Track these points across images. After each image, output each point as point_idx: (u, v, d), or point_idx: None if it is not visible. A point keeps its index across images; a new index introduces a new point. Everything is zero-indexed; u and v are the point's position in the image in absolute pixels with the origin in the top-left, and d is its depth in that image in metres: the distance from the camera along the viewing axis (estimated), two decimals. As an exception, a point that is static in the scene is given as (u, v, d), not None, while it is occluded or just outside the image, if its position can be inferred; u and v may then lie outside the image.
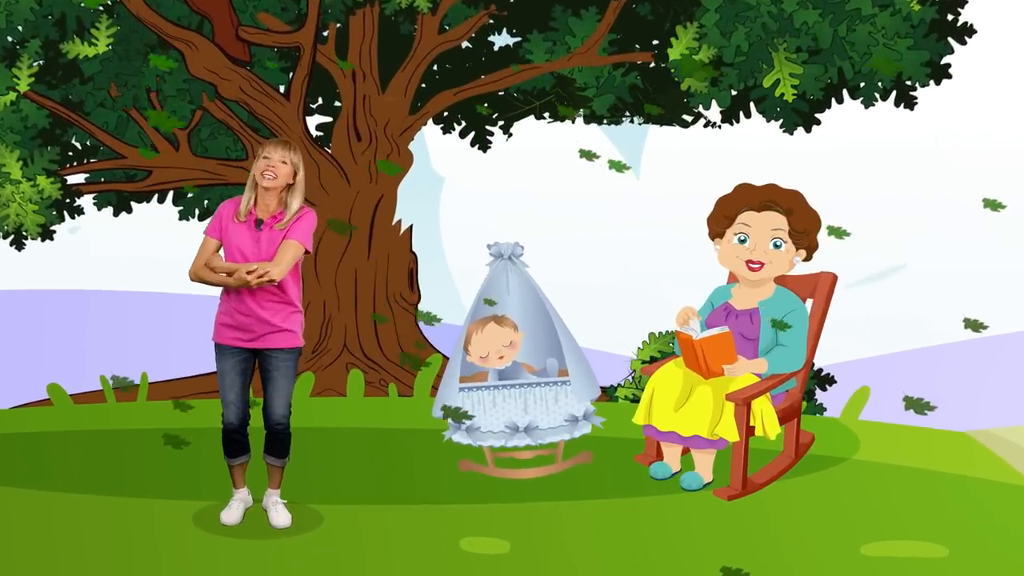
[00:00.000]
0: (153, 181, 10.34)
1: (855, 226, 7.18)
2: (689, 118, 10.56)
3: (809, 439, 7.45)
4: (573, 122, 10.63)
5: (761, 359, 6.85)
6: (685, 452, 7.12)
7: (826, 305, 7.12)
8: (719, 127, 10.23)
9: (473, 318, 7.11)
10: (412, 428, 7.92)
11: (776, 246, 6.95)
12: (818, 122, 9.44)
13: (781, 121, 9.39)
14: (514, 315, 7.15)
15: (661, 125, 10.65)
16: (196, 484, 6.75)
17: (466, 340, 7.08)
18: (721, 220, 7.08)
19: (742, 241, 7.00)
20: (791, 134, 9.40)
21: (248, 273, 5.86)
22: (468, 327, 7.09)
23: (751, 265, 6.98)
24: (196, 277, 6.04)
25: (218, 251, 6.06)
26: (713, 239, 7.14)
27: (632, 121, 10.60)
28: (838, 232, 7.02)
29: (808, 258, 7.03)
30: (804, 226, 6.94)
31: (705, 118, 10.47)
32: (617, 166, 7.43)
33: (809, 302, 7.12)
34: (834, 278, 7.14)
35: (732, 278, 7.25)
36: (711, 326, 6.97)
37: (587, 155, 7.33)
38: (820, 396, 9.44)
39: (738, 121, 9.88)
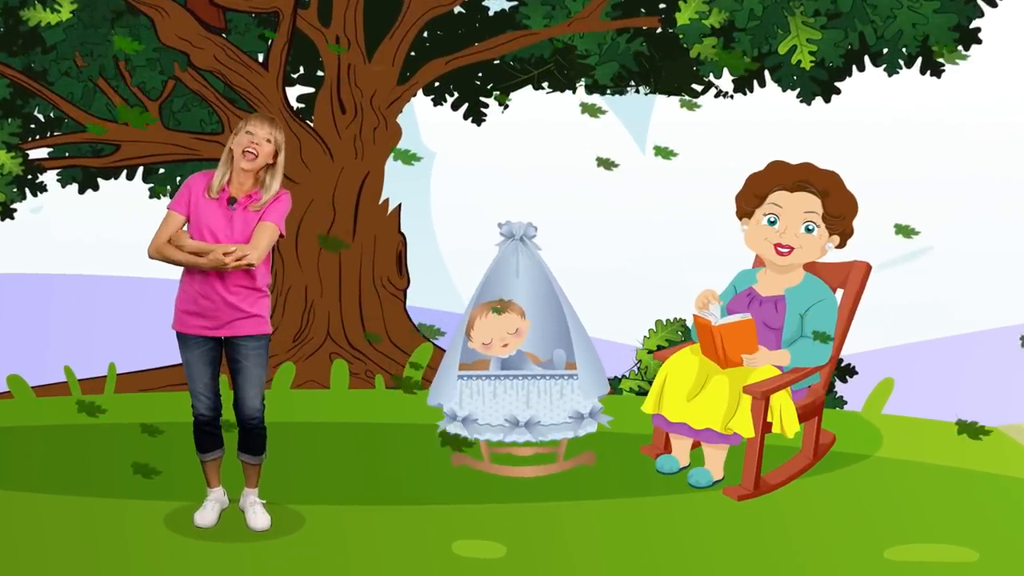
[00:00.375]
0: (121, 156, 10.31)
1: (878, 204, 7.15)
2: (699, 88, 10.54)
3: (830, 440, 7.42)
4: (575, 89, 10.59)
5: (784, 350, 6.82)
6: (695, 446, 7.11)
7: (858, 297, 7.09)
8: (731, 97, 10.20)
9: (478, 301, 7.08)
10: (400, 423, 7.91)
11: (808, 230, 6.91)
12: (838, 91, 9.40)
13: (798, 91, 9.35)
14: (522, 301, 7.12)
15: (669, 95, 10.62)
16: (169, 483, 6.74)
17: (468, 324, 7.05)
18: (751, 199, 7.04)
19: (772, 223, 6.96)
20: (809, 104, 9.37)
21: (226, 255, 5.82)
22: (472, 311, 7.06)
23: (780, 249, 6.94)
24: (158, 254, 5.96)
25: (182, 228, 6.01)
26: (740, 218, 7.10)
27: (638, 91, 10.56)
28: (906, 231, 7.00)
29: (841, 245, 6.98)
30: (840, 210, 6.90)
31: (716, 87, 10.44)
32: (664, 152, 7.39)
33: (839, 292, 7.08)
34: (868, 268, 7.10)
35: (758, 262, 7.22)
36: (732, 312, 6.94)
37: (605, 163, 7.30)
38: (840, 388, 9.43)
39: (752, 91, 9.84)
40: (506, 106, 10.90)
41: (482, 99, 10.95)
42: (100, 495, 6.58)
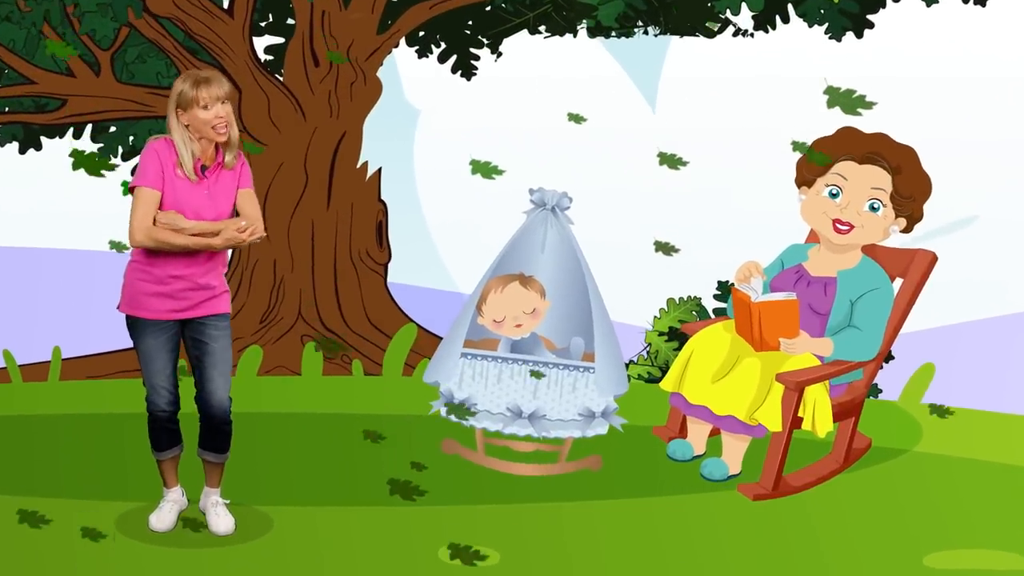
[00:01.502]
0: (68, 112, 10.31)
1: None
2: (715, 26, 10.51)
3: (865, 444, 7.37)
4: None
5: (827, 339, 6.80)
6: (714, 434, 7.11)
7: (918, 289, 7.05)
8: (751, 36, 10.16)
9: (495, 273, 7.06)
10: (381, 413, 7.91)
11: (873, 208, 6.88)
12: (871, 25, 9.33)
13: (826, 26, 9.29)
14: (545, 279, 7.10)
15: (682, 36, 10.56)
16: (122, 482, 6.72)
17: (481, 297, 7.03)
18: (814, 166, 7.01)
19: (834, 195, 6.93)
20: (839, 40, 9.30)
21: (240, 231, 5.87)
22: (487, 283, 7.04)
23: (839, 226, 6.91)
24: (151, 240, 5.87)
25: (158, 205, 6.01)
26: (799, 186, 7.08)
27: (647, 32, 10.52)
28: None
29: (908, 229, 6.96)
30: (911, 190, 6.88)
31: (735, 25, 10.39)
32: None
33: (897, 282, 7.06)
34: (933, 258, 7.07)
35: (812, 237, 7.19)
36: (776, 290, 6.93)
37: (669, 160, 7.26)
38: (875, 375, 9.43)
39: (774, 28, 9.79)
40: (499, 54, 10.86)
41: (472, 50, 10.92)
42: (44, 495, 6.56)
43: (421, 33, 10.89)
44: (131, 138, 11.00)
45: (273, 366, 10.07)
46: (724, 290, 9.34)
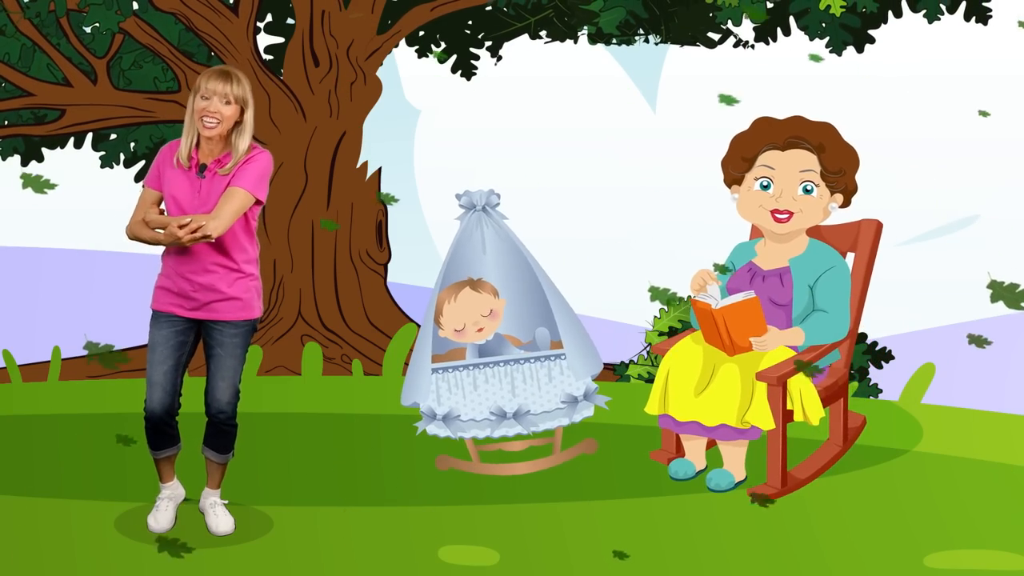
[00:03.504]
0: (67, 122, 10.30)
1: (916, 168, 7.13)
2: (716, 36, 10.51)
3: (860, 422, 7.45)
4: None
5: (796, 328, 6.81)
6: (711, 446, 7.10)
7: (871, 259, 7.09)
8: (752, 47, 10.18)
9: (443, 284, 7.06)
10: (380, 414, 7.92)
11: (807, 191, 6.90)
12: (872, 40, 9.38)
13: (827, 39, 9.33)
14: (493, 278, 7.10)
15: (683, 45, 10.60)
16: (122, 482, 6.73)
17: (437, 311, 7.03)
18: (738, 163, 7.03)
19: (765, 187, 6.96)
20: (839, 55, 9.35)
21: (180, 227, 5.78)
22: (438, 295, 7.03)
23: (777, 216, 6.93)
24: (132, 235, 6.01)
25: (159, 204, 6.00)
26: (730, 186, 7.10)
27: (647, 40, 10.52)
28: (729, 100, 6.95)
29: (846, 203, 6.99)
30: (838, 165, 6.90)
31: (736, 36, 10.42)
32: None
33: (850, 257, 7.07)
34: (879, 225, 7.10)
35: (756, 232, 7.23)
36: (733, 292, 6.93)
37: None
38: (875, 375, 9.44)
39: (775, 40, 9.82)
40: (499, 58, 10.87)
41: (472, 51, 10.92)
42: (43, 495, 6.57)
43: (421, 33, 10.88)
44: (132, 144, 10.98)
45: (273, 366, 10.06)
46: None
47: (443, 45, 10.93)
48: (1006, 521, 6.40)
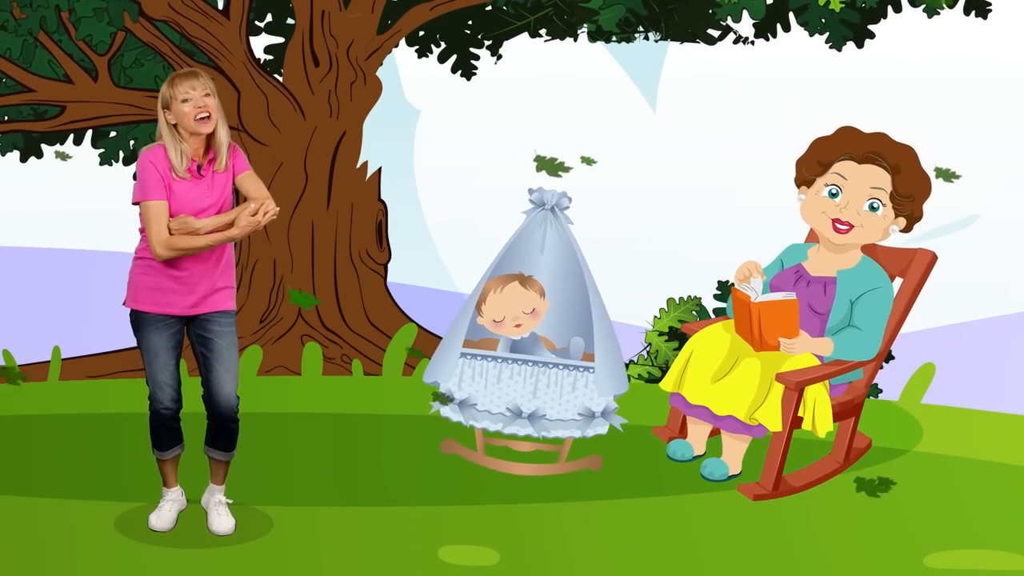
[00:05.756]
0: (67, 119, 10.29)
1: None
2: (716, 33, 10.51)
3: (865, 444, 7.37)
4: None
5: (827, 339, 6.79)
6: (714, 434, 7.10)
7: (918, 288, 7.05)
8: (752, 43, 10.18)
9: (494, 274, 7.05)
10: (380, 414, 7.90)
11: (872, 208, 6.87)
12: (871, 35, 9.36)
13: (827, 35, 9.31)
14: (544, 279, 7.09)
15: (682, 42, 10.59)
16: (122, 482, 6.71)
17: (481, 297, 7.02)
18: (813, 166, 6.99)
19: (833, 195, 6.92)
20: (839, 50, 9.34)
21: (253, 215, 5.82)
22: (486, 283, 7.03)
23: (838, 225, 6.90)
24: (174, 251, 5.87)
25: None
26: (799, 186, 7.07)
27: (647, 38, 10.52)
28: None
29: (907, 229, 6.94)
30: (910, 189, 6.86)
31: (735, 32, 10.41)
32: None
33: (898, 281, 7.05)
34: (933, 257, 7.07)
35: (812, 237, 7.19)
36: (776, 289, 6.92)
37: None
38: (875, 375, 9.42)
39: (775, 36, 9.80)
40: (499, 57, 10.86)
41: (472, 50, 10.92)
42: (43, 495, 6.56)
43: (421, 33, 10.88)
44: (132, 142, 10.98)
45: (273, 366, 10.06)
46: (724, 290, 9.34)
47: (443, 46, 10.94)
48: (1006, 521, 6.40)
